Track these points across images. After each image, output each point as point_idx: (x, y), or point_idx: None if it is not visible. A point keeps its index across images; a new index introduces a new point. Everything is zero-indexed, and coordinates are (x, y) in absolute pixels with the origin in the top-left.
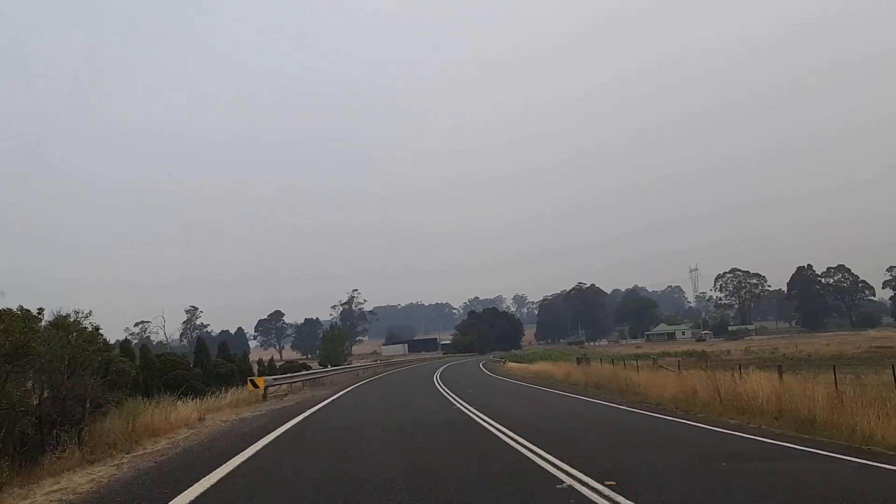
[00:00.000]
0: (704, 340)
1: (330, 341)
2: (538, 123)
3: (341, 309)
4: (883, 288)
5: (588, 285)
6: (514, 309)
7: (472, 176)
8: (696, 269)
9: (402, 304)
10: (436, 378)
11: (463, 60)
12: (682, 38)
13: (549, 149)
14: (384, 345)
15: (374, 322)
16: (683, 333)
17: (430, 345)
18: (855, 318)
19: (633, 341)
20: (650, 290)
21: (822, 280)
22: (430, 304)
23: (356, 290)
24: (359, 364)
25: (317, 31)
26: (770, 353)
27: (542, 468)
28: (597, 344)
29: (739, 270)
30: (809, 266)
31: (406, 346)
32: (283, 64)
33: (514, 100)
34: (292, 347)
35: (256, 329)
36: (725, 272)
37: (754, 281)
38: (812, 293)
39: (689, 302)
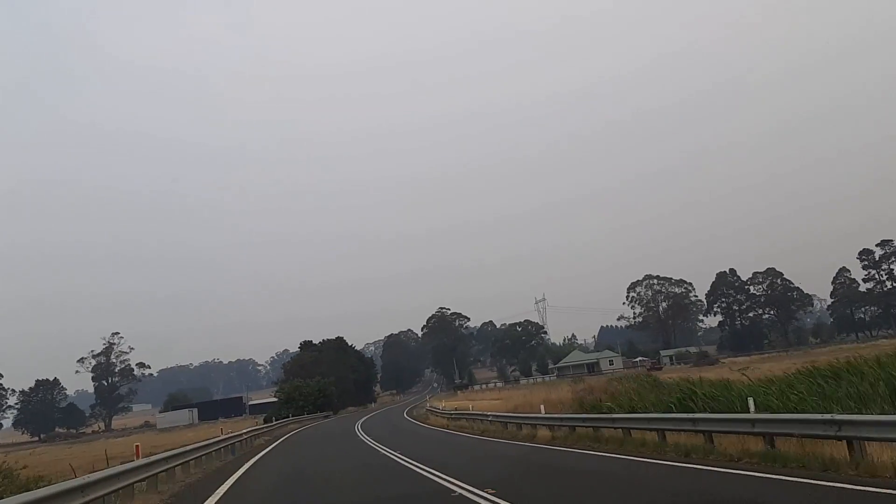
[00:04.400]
0: (660, 369)
1: None
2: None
3: (93, 363)
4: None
5: (451, 311)
6: None
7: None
8: (544, 300)
9: (196, 364)
10: None
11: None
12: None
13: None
14: (162, 412)
15: (152, 383)
16: (611, 363)
17: (233, 407)
18: (791, 336)
19: (530, 379)
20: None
21: (749, 288)
22: (230, 362)
23: (117, 333)
24: None
25: None
26: None
27: None
28: (501, 386)
29: (656, 278)
30: (732, 271)
31: (195, 411)
32: None
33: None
34: (15, 425)
35: None
36: (639, 280)
37: (678, 290)
38: (739, 305)
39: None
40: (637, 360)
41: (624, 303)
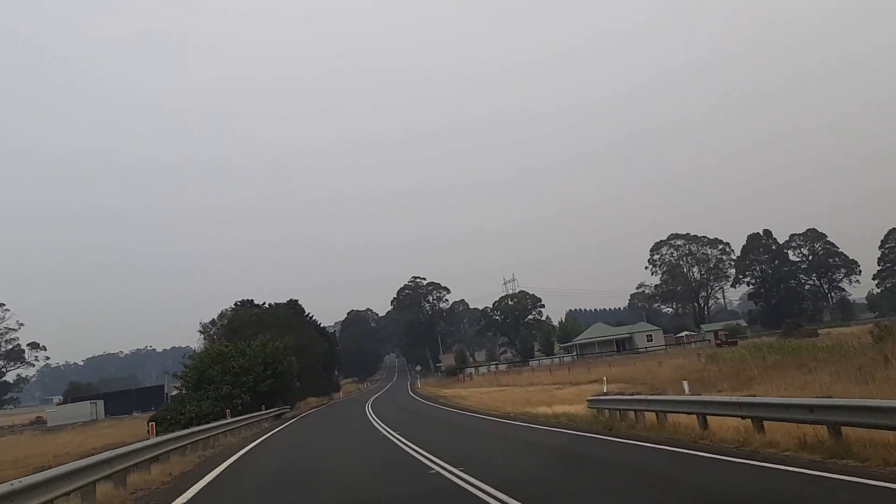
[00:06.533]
0: (735, 343)
1: None
2: None
3: None
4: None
5: (427, 282)
6: None
7: None
8: (514, 280)
9: (126, 352)
10: None
11: None
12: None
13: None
14: (60, 403)
15: (78, 372)
16: (649, 338)
17: (153, 398)
18: (848, 308)
19: (535, 361)
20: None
21: (788, 253)
22: (165, 350)
23: (2, 305)
24: None
25: None
26: None
27: None
28: (505, 370)
29: (683, 237)
30: (767, 233)
31: (99, 404)
32: None
33: None
34: None
35: None
36: (662, 240)
37: (710, 251)
38: (777, 272)
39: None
40: (682, 334)
41: (646, 267)
